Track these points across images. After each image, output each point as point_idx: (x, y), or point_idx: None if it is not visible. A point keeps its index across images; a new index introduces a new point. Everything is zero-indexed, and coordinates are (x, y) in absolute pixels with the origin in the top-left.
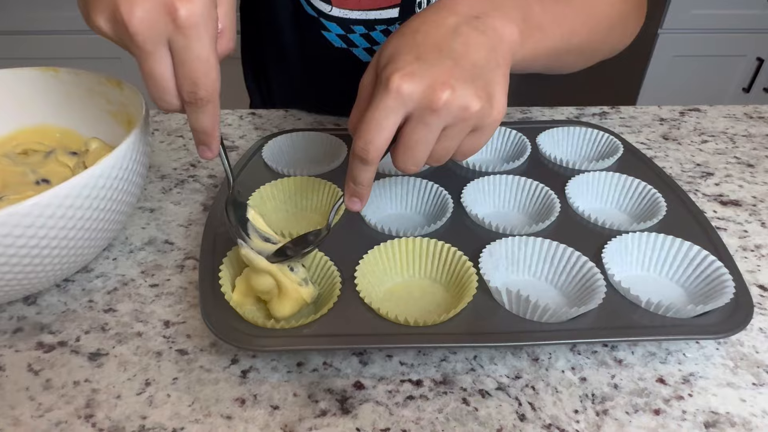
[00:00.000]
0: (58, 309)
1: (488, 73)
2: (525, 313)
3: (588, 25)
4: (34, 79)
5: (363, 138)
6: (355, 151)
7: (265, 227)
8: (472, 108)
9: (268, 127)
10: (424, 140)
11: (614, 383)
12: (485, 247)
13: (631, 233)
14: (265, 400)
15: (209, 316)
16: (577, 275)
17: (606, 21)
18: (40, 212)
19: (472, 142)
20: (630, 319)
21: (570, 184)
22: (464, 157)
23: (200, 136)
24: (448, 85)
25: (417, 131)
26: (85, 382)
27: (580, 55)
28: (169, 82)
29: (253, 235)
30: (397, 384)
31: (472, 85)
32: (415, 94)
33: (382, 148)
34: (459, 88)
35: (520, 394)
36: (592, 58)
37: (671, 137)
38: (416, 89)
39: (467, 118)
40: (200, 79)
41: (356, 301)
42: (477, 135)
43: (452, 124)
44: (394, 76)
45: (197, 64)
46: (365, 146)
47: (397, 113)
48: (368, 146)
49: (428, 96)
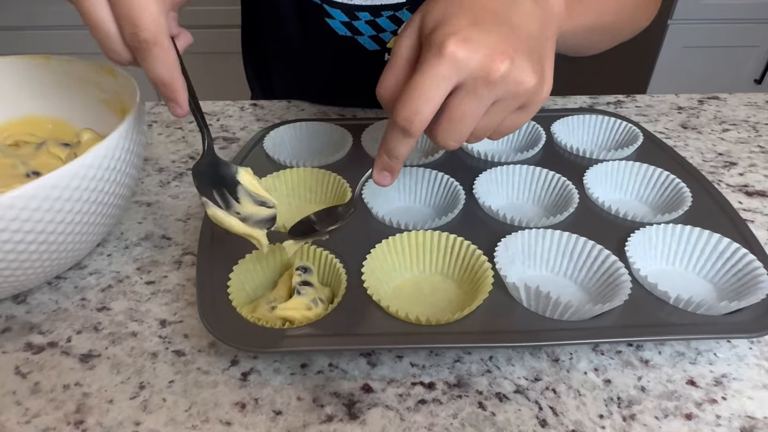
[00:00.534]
0: (49, 308)
1: (541, 47)
2: (545, 311)
3: (618, 4)
4: (26, 68)
5: (408, 107)
6: (396, 122)
7: (259, 190)
8: (527, 83)
9: (270, 118)
10: (472, 114)
11: (641, 386)
12: (500, 240)
13: (655, 225)
14: (267, 404)
15: (207, 315)
16: (599, 270)
17: (632, 1)
18: (24, 204)
19: (514, 119)
20: (657, 316)
21: (588, 174)
22: (501, 135)
23: (160, 89)
24: (507, 55)
25: (466, 103)
26: (76, 386)
27: (606, 34)
28: (110, 27)
29: (244, 199)
30: (408, 387)
31: (529, 58)
32: (472, 62)
33: (427, 120)
34: (517, 60)
35: (540, 397)
36: (616, 39)
37: (690, 126)
38: (473, 57)
39: (519, 94)
40: (138, 17)
41: (364, 298)
42: (522, 113)
43: (502, 99)
44: (449, 40)
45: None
46: (410, 117)
47: (449, 82)
48: (413, 117)
49: (486, 66)
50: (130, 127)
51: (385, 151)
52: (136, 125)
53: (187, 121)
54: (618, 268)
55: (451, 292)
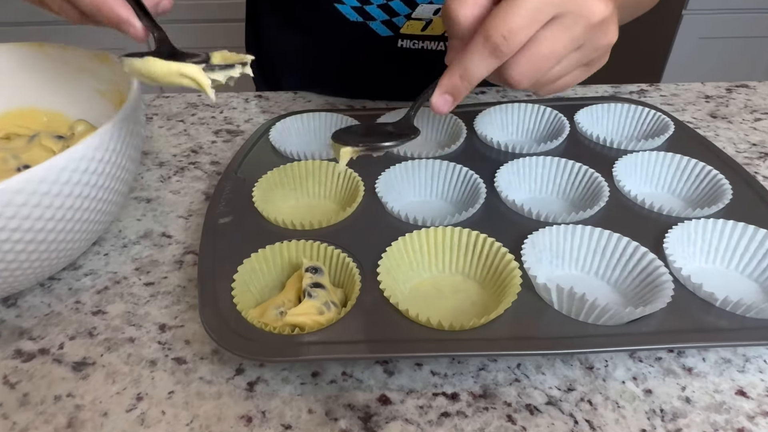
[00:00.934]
0: (41, 311)
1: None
2: (578, 314)
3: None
4: (18, 56)
5: (510, 24)
6: (490, 37)
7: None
8: (612, 38)
9: (276, 110)
10: (559, 53)
11: (686, 396)
12: (525, 237)
13: (694, 220)
14: (276, 417)
15: (209, 320)
16: (634, 269)
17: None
18: (9, 199)
19: (575, 75)
20: (702, 320)
21: (618, 165)
22: (551, 92)
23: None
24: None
25: (560, 41)
26: (68, 397)
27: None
28: None
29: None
30: (429, 398)
31: (617, 12)
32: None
33: (521, 44)
34: (611, 8)
35: (575, 409)
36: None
37: (720, 115)
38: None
39: (599, 48)
40: None
41: (379, 301)
42: (584, 70)
43: (586, 47)
44: None
45: None
46: (509, 35)
47: (553, 9)
48: (513, 36)
49: (591, 4)
50: (126, 116)
51: (459, 70)
52: (132, 115)
53: (189, 113)
54: (657, 267)
55: (474, 293)
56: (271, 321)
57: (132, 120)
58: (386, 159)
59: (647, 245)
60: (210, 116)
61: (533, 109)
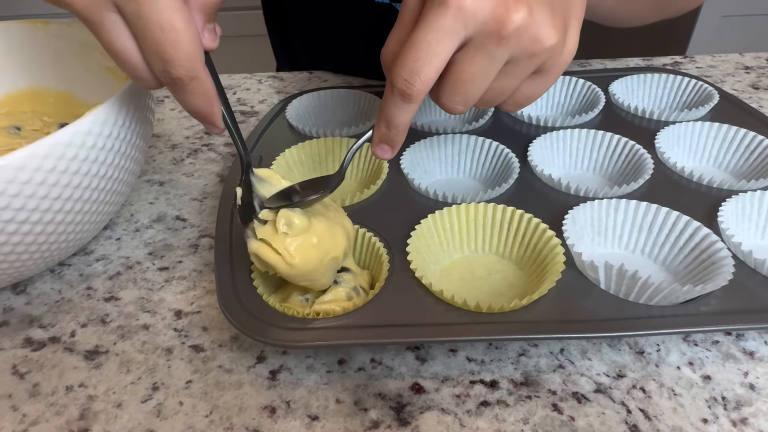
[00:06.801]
0: (51, 298)
1: (567, 0)
2: (629, 294)
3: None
4: (21, 35)
5: (407, 67)
6: (394, 84)
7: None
8: (546, 41)
9: (291, 90)
10: (482, 74)
11: (749, 383)
12: (563, 214)
13: (749, 193)
14: (301, 408)
15: (228, 305)
16: (686, 246)
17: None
18: (12, 176)
19: (532, 87)
20: (765, 299)
21: (660, 136)
22: (516, 107)
23: (197, 117)
24: (523, 3)
25: (475, 62)
26: (80, 388)
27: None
28: (135, 59)
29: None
30: (466, 386)
31: (551, 11)
32: (481, 12)
33: (430, 81)
34: (536, 11)
35: (627, 398)
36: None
37: (762, 86)
38: (483, 5)
39: (536, 54)
40: (168, 53)
41: (409, 283)
42: (540, 78)
43: (517, 59)
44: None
45: (158, 35)
46: (410, 77)
47: (455, 36)
48: (413, 78)
49: (498, 16)
50: (134, 89)
51: (383, 120)
52: (142, 88)
53: None
54: (713, 242)
55: (511, 274)
56: (296, 308)
57: (142, 93)
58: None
59: (698, 221)
60: None
61: (564, 81)
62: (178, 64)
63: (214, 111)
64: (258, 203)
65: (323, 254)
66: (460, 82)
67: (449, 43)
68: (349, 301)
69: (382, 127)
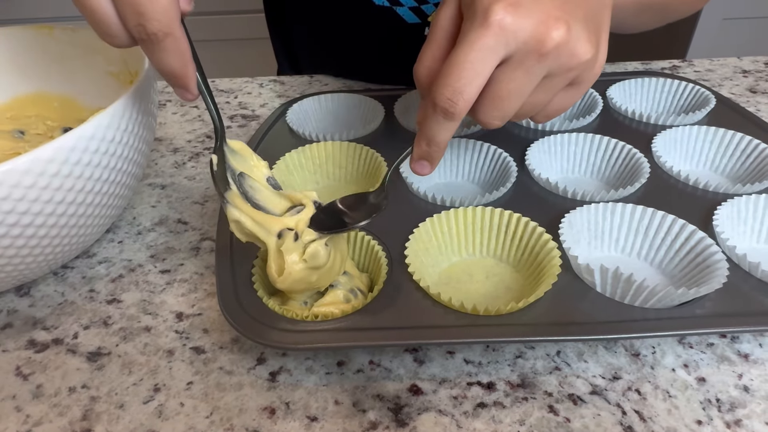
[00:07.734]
0: (54, 300)
1: (598, 14)
2: (624, 297)
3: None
4: (27, 39)
5: (451, 86)
6: (437, 103)
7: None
8: (582, 56)
9: (292, 94)
10: (520, 91)
11: (743, 385)
12: (561, 218)
13: (745, 196)
14: (300, 409)
15: (229, 307)
16: (682, 249)
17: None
18: (17, 180)
19: (564, 98)
20: (759, 302)
21: (657, 140)
22: (546, 118)
23: (170, 79)
24: (563, 21)
25: (515, 78)
26: (83, 389)
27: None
28: (108, 12)
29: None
30: (463, 388)
31: (586, 27)
32: (522, 31)
33: (473, 100)
34: (574, 28)
35: (623, 399)
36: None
37: (760, 90)
38: (524, 25)
39: (572, 68)
40: (144, 5)
41: (408, 286)
42: (572, 91)
43: (554, 74)
44: (495, 6)
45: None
46: (453, 96)
47: (497, 55)
48: (457, 97)
49: (538, 35)
50: (137, 93)
51: (424, 137)
52: (145, 92)
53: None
54: (708, 246)
55: (508, 277)
56: (296, 310)
57: (144, 98)
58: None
59: (694, 224)
60: (224, 101)
61: None
62: (153, 17)
63: (187, 73)
64: (230, 175)
65: (312, 286)
66: (498, 98)
67: (491, 62)
68: (348, 303)
69: (423, 144)
